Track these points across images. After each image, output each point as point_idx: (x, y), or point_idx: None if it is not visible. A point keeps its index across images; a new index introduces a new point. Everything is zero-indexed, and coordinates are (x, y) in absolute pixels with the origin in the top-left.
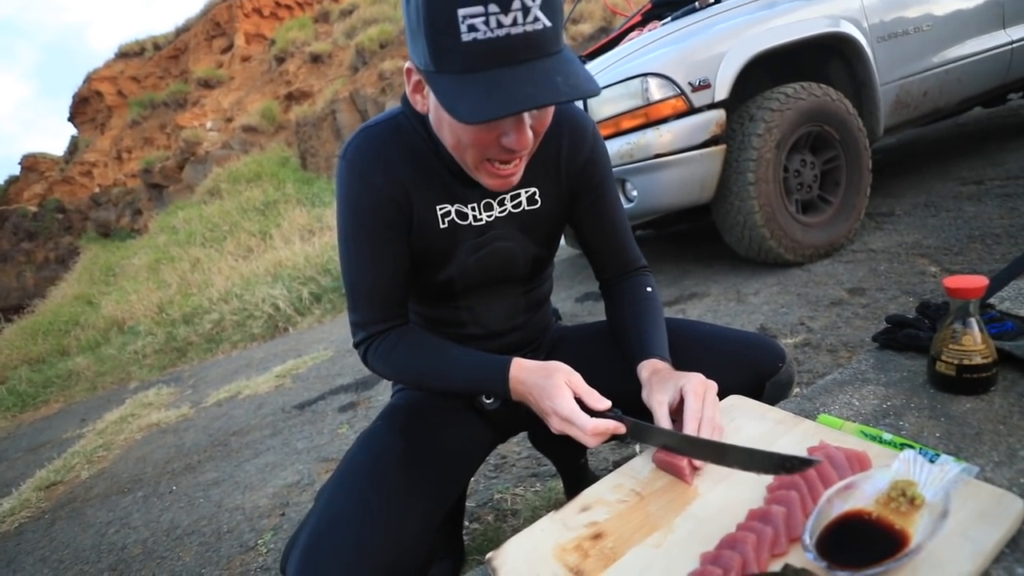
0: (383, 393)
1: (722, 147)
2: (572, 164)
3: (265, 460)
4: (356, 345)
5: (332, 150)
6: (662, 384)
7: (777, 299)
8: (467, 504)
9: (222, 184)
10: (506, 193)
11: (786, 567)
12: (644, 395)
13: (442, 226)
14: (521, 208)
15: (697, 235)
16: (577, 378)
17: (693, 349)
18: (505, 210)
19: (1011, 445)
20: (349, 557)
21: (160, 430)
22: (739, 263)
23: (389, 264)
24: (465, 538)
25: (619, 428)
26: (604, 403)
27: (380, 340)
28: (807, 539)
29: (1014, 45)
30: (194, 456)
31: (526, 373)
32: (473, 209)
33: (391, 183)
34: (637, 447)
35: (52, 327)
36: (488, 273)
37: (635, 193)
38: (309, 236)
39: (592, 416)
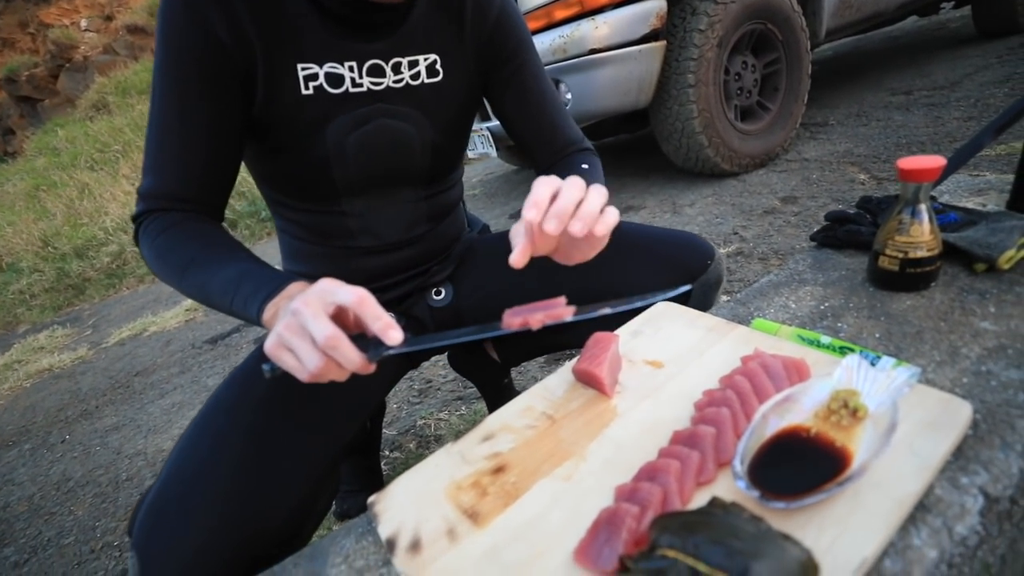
0: None
1: (662, 43)
2: (479, 25)
3: (171, 400)
4: (133, 218)
5: None
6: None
7: (712, 210)
8: (388, 432)
9: (109, 97)
10: (402, 57)
11: (713, 501)
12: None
13: (305, 91)
14: (420, 80)
15: (633, 146)
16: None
17: (620, 249)
18: (401, 80)
19: (953, 343)
20: (198, 519)
21: (53, 375)
22: (675, 175)
23: (199, 126)
24: (385, 468)
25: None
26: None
27: (159, 216)
28: (738, 465)
29: None
30: (91, 401)
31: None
32: (352, 71)
33: (227, 21)
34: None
35: None
36: (374, 161)
37: (569, 96)
38: None
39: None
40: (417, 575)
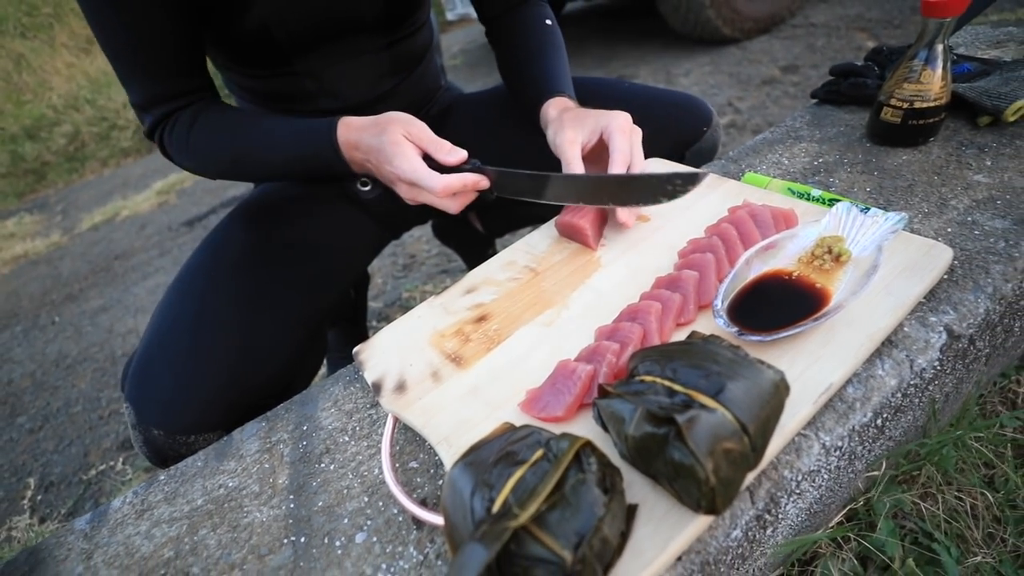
0: None
1: None
2: None
3: (155, 281)
4: (148, 135)
5: None
6: (577, 121)
7: (708, 79)
8: (375, 304)
9: None
10: None
11: (692, 335)
12: (550, 135)
13: None
14: None
15: (628, 11)
16: (419, 127)
17: (608, 106)
18: None
19: (943, 195)
20: (182, 369)
21: (30, 261)
22: (671, 42)
23: (143, 16)
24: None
25: (480, 181)
26: (458, 154)
27: (172, 122)
28: (718, 304)
29: None
30: (75, 285)
31: (357, 133)
32: None
33: None
34: None
35: None
36: (317, 10)
37: None
38: None
39: (447, 174)
40: (403, 412)
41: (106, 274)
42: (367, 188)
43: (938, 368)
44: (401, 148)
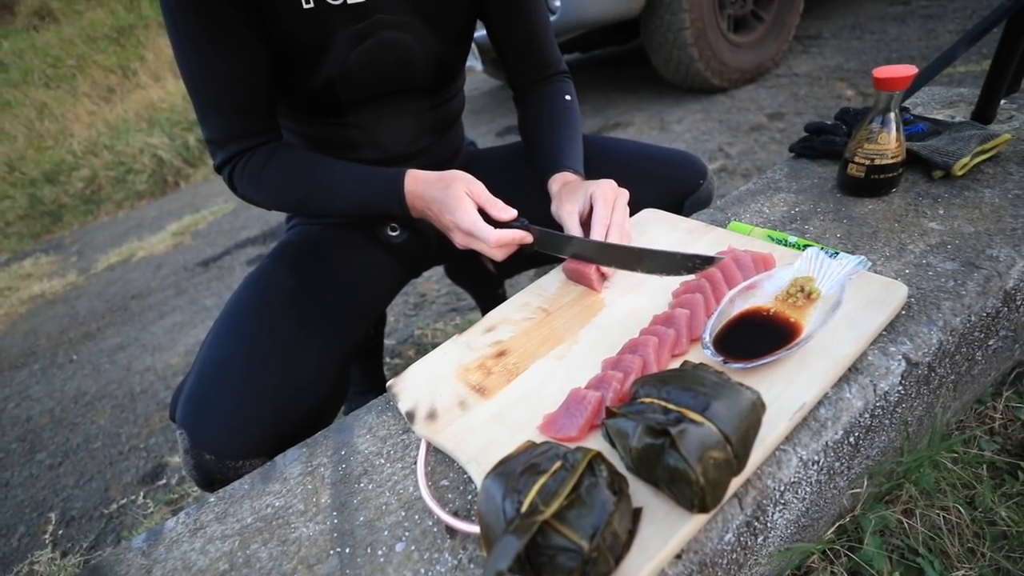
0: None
1: None
2: None
3: (172, 320)
4: (218, 169)
5: None
6: (571, 194)
7: (699, 126)
8: (388, 342)
9: (52, 2)
10: None
11: (684, 363)
12: (553, 208)
13: (306, 5)
14: None
15: (623, 61)
16: (479, 187)
17: (612, 166)
18: None
19: (902, 240)
20: (236, 397)
21: (47, 301)
22: (664, 91)
23: (237, 60)
24: (386, 374)
25: (525, 237)
26: (509, 212)
27: (247, 159)
28: (706, 337)
29: None
30: (92, 324)
31: (423, 185)
32: None
33: None
34: None
35: None
36: (378, 76)
37: (558, 3)
38: None
39: (497, 228)
40: (435, 437)
41: (123, 313)
42: (396, 233)
43: (902, 392)
44: (463, 203)
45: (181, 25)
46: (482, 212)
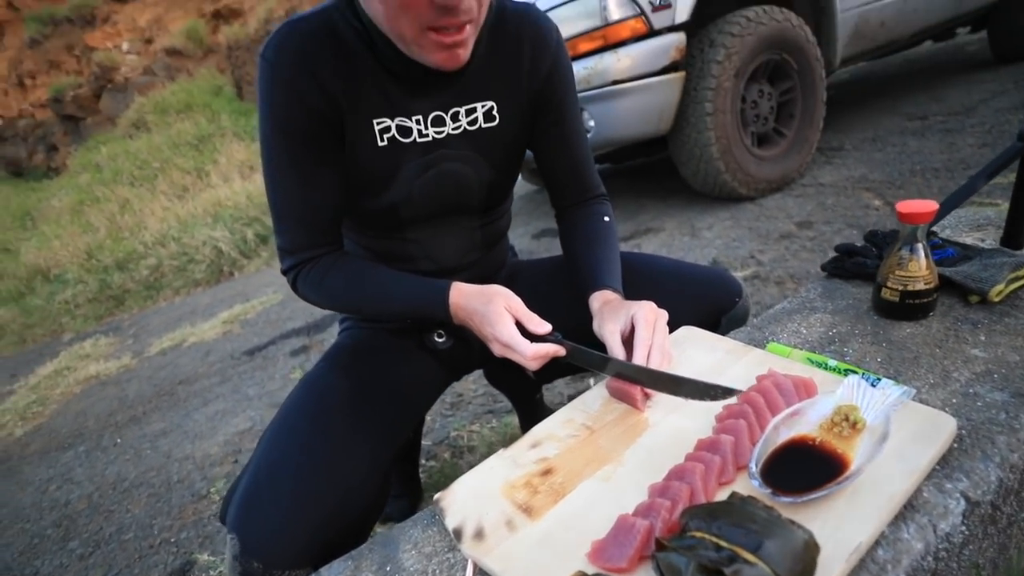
0: (336, 336)
1: (681, 74)
2: (534, 76)
3: (215, 408)
4: (284, 272)
5: None
6: (613, 313)
7: (729, 233)
8: (424, 442)
9: (148, 115)
10: (460, 106)
11: (732, 495)
12: (595, 326)
13: (381, 143)
14: (477, 125)
15: (653, 169)
16: (517, 302)
17: (650, 284)
18: (459, 127)
19: (946, 367)
20: (289, 504)
21: (100, 382)
22: (693, 197)
23: (318, 185)
24: (422, 476)
25: (559, 351)
26: (544, 327)
27: (311, 267)
28: (753, 467)
29: None
30: (139, 407)
31: (465, 298)
32: (419, 123)
33: (319, 91)
34: (592, 381)
35: None
36: (437, 200)
37: (592, 123)
38: (250, 173)
39: (533, 340)
40: (483, 558)
41: (169, 398)
42: (442, 339)
43: (966, 533)
44: (503, 318)
45: (274, 153)
46: (520, 325)
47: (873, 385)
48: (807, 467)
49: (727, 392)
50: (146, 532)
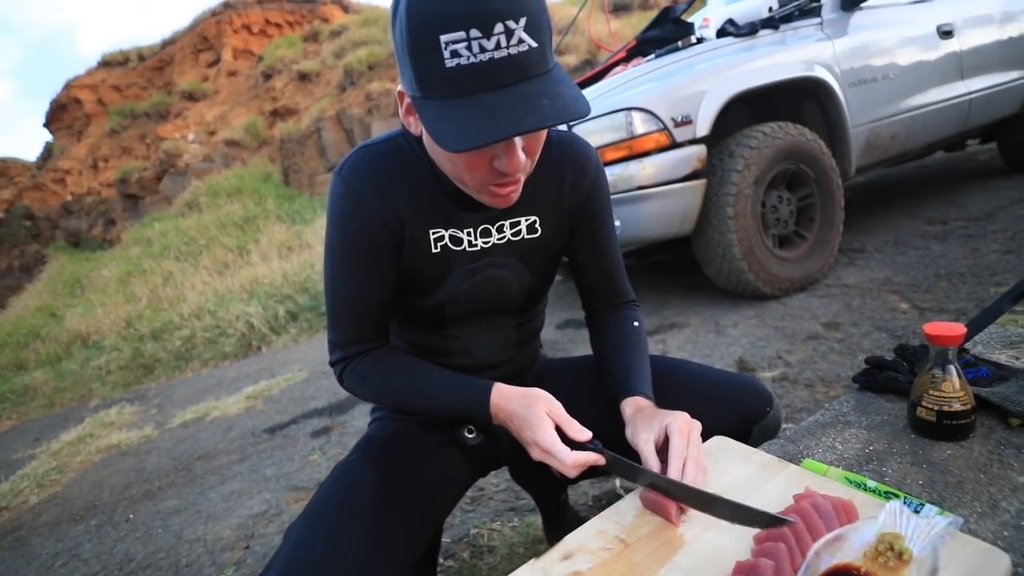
0: (358, 418)
1: (703, 181)
2: (575, 195)
3: (231, 487)
4: (332, 364)
5: (316, 167)
6: (647, 422)
7: (755, 332)
8: (443, 539)
9: (201, 197)
10: (506, 220)
11: None
12: (628, 433)
13: (434, 250)
14: (521, 237)
15: (677, 265)
16: (558, 407)
17: (679, 389)
18: (504, 237)
19: (993, 495)
20: None
21: (120, 452)
22: (717, 294)
23: (374, 286)
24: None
25: (599, 460)
26: (585, 434)
27: (358, 361)
28: None
29: (971, 95)
30: (155, 481)
31: (507, 400)
32: (469, 235)
33: (385, 205)
34: (617, 482)
35: (10, 339)
36: (480, 302)
37: (618, 223)
38: (288, 253)
39: (573, 447)
40: None
41: (186, 474)
42: (472, 435)
43: None
44: (543, 422)
45: (336, 257)
46: (559, 430)
47: (916, 511)
48: None
49: (772, 521)
50: None
